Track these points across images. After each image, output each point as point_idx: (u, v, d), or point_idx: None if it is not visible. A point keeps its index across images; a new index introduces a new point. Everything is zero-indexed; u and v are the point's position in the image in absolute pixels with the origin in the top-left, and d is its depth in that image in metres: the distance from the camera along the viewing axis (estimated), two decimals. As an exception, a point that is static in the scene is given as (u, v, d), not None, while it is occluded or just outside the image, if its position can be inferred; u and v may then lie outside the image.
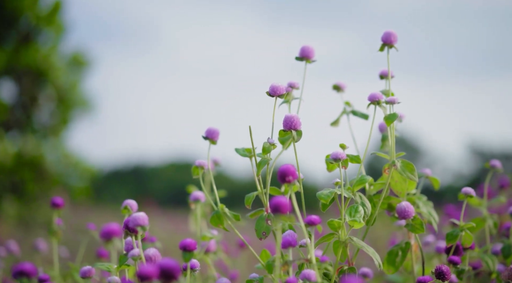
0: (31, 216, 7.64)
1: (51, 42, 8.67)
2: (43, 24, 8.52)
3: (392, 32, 1.57)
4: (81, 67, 8.91)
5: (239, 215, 1.58)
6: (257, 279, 1.51)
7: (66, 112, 8.76)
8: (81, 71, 8.93)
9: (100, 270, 1.87)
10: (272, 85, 1.49)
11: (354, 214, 1.45)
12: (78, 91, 8.87)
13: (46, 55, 8.40)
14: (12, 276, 1.15)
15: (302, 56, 1.62)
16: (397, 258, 1.62)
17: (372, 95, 1.52)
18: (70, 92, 8.74)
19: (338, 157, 1.45)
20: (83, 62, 8.89)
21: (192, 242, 1.35)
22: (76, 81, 8.86)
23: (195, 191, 1.76)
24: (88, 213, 8.74)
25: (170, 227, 7.16)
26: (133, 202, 1.60)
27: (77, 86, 8.87)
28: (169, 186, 14.23)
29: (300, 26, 24.85)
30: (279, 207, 1.21)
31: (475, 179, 11.89)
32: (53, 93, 8.71)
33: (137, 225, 1.35)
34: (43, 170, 8.50)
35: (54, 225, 1.95)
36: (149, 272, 1.12)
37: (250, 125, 1.50)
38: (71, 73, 8.83)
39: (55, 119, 8.82)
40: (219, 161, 1.95)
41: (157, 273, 1.13)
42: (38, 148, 8.54)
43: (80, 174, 9.36)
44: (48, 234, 1.96)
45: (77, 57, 8.84)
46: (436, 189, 1.73)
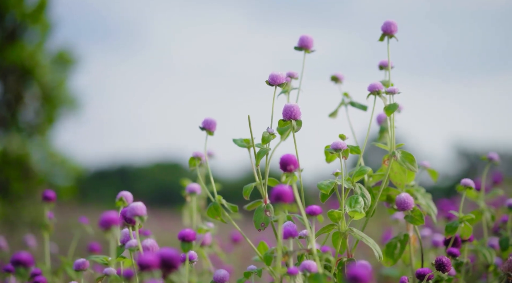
0: (16, 215, 7.56)
1: (37, 39, 8.59)
2: (29, 22, 8.45)
3: (392, 21, 1.56)
4: (67, 65, 8.84)
5: (236, 206, 1.56)
6: (255, 271, 1.49)
7: (52, 111, 8.68)
8: (67, 69, 8.86)
9: (92, 263, 1.84)
10: (272, 74, 1.47)
11: (354, 205, 1.44)
12: (64, 90, 8.80)
13: (32, 53, 8.33)
14: (7, 267, 1.12)
15: (301, 46, 1.60)
16: (396, 250, 1.61)
17: (372, 85, 1.51)
18: (56, 90, 8.67)
19: (338, 146, 1.43)
20: (69, 60, 8.81)
21: (191, 232, 1.32)
22: (62, 80, 8.79)
23: (191, 183, 1.73)
24: (74, 213, 8.67)
25: (157, 226, 7.12)
26: (128, 194, 1.57)
27: (63, 84, 8.79)
28: (154, 186, 14.17)
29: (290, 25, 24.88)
30: (282, 196, 1.19)
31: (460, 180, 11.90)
32: (39, 91, 8.63)
33: (135, 215, 1.32)
34: (28, 168, 8.42)
35: (45, 219, 1.91)
36: (150, 260, 1.10)
37: (249, 115, 1.48)
38: (57, 71, 8.75)
39: (41, 117, 8.75)
40: (214, 153, 1.93)
41: (158, 262, 1.11)
42: (24, 147, 8.46)
43: (66, 173, 9.28)
44: (40, 228, 1.92)
45: (63, 55, 8.76)
46: (434, 181, 1.72)
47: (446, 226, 1.57)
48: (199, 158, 1.57)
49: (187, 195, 1.71)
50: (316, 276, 1.24)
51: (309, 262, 1.27)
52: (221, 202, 1.55)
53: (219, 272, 1.43)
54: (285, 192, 1.19)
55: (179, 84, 24.63)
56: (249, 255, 2.60)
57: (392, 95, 1.50)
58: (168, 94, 24.99)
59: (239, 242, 2.36)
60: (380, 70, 1.66)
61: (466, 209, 2.50)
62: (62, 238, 4.20)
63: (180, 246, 1.34)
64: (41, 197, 1.93)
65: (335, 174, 1.46)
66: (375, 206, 1.51)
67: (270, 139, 1.46)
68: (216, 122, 1.58)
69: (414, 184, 1.65)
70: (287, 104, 1.44)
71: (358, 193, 1.47)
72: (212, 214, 1.54)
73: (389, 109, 1.48)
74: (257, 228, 1.47)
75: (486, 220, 1.77)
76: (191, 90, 24.69)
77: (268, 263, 1.51)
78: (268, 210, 1.49)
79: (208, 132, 1.57)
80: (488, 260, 1.69)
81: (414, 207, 1.52)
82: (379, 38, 1.58)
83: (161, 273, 1.12)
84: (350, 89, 1.75)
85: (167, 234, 4.95)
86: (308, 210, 1.34)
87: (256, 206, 1.53)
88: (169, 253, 1.13)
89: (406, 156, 1.51)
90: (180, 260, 1.15)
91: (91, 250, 2.05)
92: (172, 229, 5.53)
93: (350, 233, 1.44)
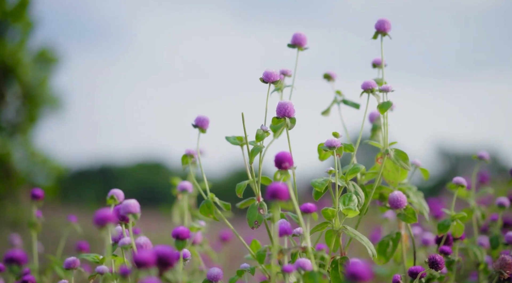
0: (-3, 215, 7.48)
1: (19, 38, 8.50)
2: (11, 20, 8.36)
3: (385, 19, 1.56)
4: (50, 63, 8.76)
5: (229, 204, 1.55)
6: (248, 269, 1.48)
7: (34, 110, 8.60)
8: (49, 68, 8.78)
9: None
10: (266, 71, 1.47)
11: (348, 203, 1.44)
12: (46, 89, 8.72)
13: (14, 51, 8.24)
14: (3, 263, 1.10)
15: (294, 43, 1.59)
16: (388, 248, 1.61)
17: (366, 83, 1.51)
18: (39, 89, 8.59)
19: (332, 144, 1.43)
20: (51, 58, 8.74)
21: (185, 230, 1.31)
22: (44, 78, 8.71)
23: (182, 181, 1.72)
24: (56, 213, 8.59)
25: (140, 227, 7.06)
26: (119, 192, 1.56)
27: (45, 83, 8.71)
28: (137, 186, 14.08)
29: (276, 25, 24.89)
30: (278, 193, 1.18)
31: (442, 180, 12.03)
32: (20, 90, 8.55)
33: (128, 212, 1.31)
34: (9, 168, 8.33)
35: (33, 217, 1.89)
36: (146, 258, 1.09)
37: (242, 113, 1.47)
38: (39, 69, 8.67)
39: (22, 116, 8.66)
40: (205, 151, 1.91)
41: (154, 260, 1.10)
42: (5, 146, 8.37)
43: (47, 173, 9.20)
44: (27, 227, 1.90)
45: (45, 53, 8.68)
46: (426, 179, 1.72)
47: (438, 224, 1.58)
48: (192, 155, 1.56)
49: (179, 193, 1.70)
50: (312, 274, 1.24)
51: (304, 260, 1.27)
52: (214, 200, 1.54)
53: (212, 270, 1.42)
54: (281, 189, 1.19)
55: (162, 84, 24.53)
56: (237, 254, 2.60)
57: (385, 93, 1.50)
58: (151, 94, 24.88)
59: (228, 241, 2.35)
60: (373, 69, 1.66)
61: (454, 207, 2.51)
62: (45, 238, 4.16)
63: (174, 244, 1.33)
64: (29, 195, 1.91)
65: (329, 171, 1.46)
66: (368, 204, 1.51)
67: (264, 137, 1.45)
68: (208, 120, 1.57)
69: (406, 182, 1.65)
70: (281, 102, 1.44)
71: (352, 191, 1.47)
72: (204, 212, 1.53)
73: (382, 107, 1.48)
74: (251, 226, 1.47)
75: (476, 218, 1.78)
76: (175, 90, 24.62)
77: (261, 261, 1.50)
78: (261, 208, 1.48)
79: (200, 130, 1.56)
80: (478, 258, 1.70)
81: (407, 205, 1.52)
82: (372, 36, 1.57)
83: (157, 270, 1.11)
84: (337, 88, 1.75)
85: (152, 235, 4.91)
86: (302, 208, 1.33)
87: (249, 204, 1.52)
88: (165, 250, 1.12)
89: (399, 154, 1.51)
90: (176, 258, 1.14)
91: (80, 248, 2.02)
92: (157, 229, 5.50)
93: (343, 231, 1.44)
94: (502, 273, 1.50)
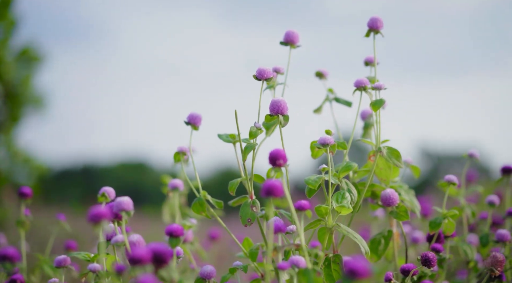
0: (-22, 215, 7.40)
1: (1, 36, 8.42)
2: (-7, 18, 8.28)
3: (378, 17, 1.56)
4: (32, 62, 8.68)
5: (221, 202, 1.54)
6: (240, 266, 1.48)
7: (16, 109, 8.51)
8: (32, 66, 8.70)
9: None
10: (259, 69, 1.47)
11: (341, 200, 1.44)
12: (29, 88, 8.64)
13: (-4, 50, 8.16)
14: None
15: (287, 41, 1.59)
16: (380, 246, 1.61)
17: (359, 81, 1.51)
18: (21, 88, 8.51)
19: (326, 141, 1.43)
20: (34, 57, 8.66)
21: (179, 227, 1.30)
22: (27, 77, 8.62)
23: (173, 179, 1.71)
24: (38, 212, 8.51)
25: (125, 226, 7.00)
26: (111, 189, 1.55)
27: (28, 82, 8.63)
28: (119, 186, 13.98)
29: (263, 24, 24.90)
30: (273, 190, 1.18)
31: (425, 180, 12.11)
32: (2, 89, 8.46)
33: (122, 210, 1.30)
34: (-9, 167, 8.24)
35: (22, 216, 1.87)
36: (142, 255, 1.08)
37: (235, 110, 1.47)
38: (21, 68, 8.59)
39: (4, 115, 8.58)
40: (196, 149, 1.90)
41: (150, 257, 1.09)
42: (-14, 145, 8.29)
43: (29, 172, 9.12)
44: (16, 225, 1.88)
45: (28, 51, 8.60)
46: (416, 177, 1.73)
47: (430, 222, 1.58)
48: (184, 152, 1.55)
49: (170, 190, 1.69)
50: (306, 272, 1.23)
51: (298, 257, 1.27)
52: (206, 198, 1.53)
53: (205, 268, 1.42)
54: (276, 186, 1.18)
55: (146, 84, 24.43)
56: (226, 253, 2.59)
57: (378, 91, 1.50)
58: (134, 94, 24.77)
59: (217, 240, 2.34)
60: (366, 67, 1.66)
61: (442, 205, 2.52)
62: (28, 238, 4.13)
63: (168, 241, 1.32)
64: (11, 194, 1.89)
65: (322, 169, 1.46)
66: (361, 202, 1.51)
67: (258, 134, 1.45)
68: (201, 117, 1.56)
69: (397, 180, 1.66)
70: (274, 99, 1.43)
71: (345, 189, 1.47)
72: (197, 210, 1.52)
73: (375, 105, 1.48)
74: (244, 224, 1.46)
75: (466, 216, 1.79)
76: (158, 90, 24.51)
77: (253, 259, 1.50)
78: (254, 206, 1.48)
79: (193, 127, 1.55)
80: (469, 256, 1.70)
81: (399, 202, 1.52)
82: (365, 34, 1.58)
83: (152, 268, 1.10)
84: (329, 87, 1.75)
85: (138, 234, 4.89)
86: (296, 205, 1.33)
87: (241, 201, 1.51)
88: (160, 247, 1.11)
89: (392, 151, 1.51)
90: (171, 255, 1.14)
91: (68, 247, 2.01)
92: (142, 230, 5.46)
93: (336, 228, 1.44)
94: (493, 271, 1.51)
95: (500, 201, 1.86)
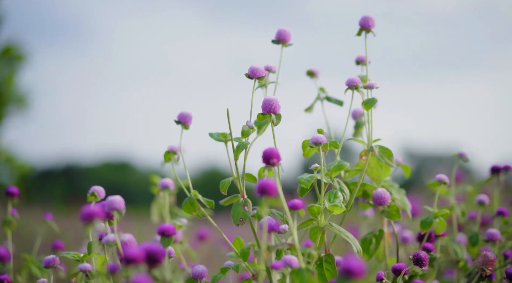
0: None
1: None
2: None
3: (369, 16, 1.56)
4: (15, 61, 8.61)
5: (213, 202, 1.53)
6: (232, 266, 1.47)
7: (0, 108, 8.45)
8: (14, 65, 8.63)
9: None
10: (251, 67, 1.46)
11: (334, 200, 1.43)
12: (11, 86, 8.57)
13: (-22, 48, 8.09)
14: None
15: (279, 39, 1.58)
16: (371, 245, 1.61)
17: (350, 80, 1.50)
18: (3, 87, 8.44)
19: (318, 140, 1.42)
20: (16, 55, 8.59)
21: (171, 227, 1.29)
22: (10, 76, 8.56)
23: (164, 178, 1.70)
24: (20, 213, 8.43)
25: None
26: (100, 188, 1.54)
27: (11, 81, 8.57)
28: (103, 186, 13.84)
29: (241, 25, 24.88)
30: (268, 189, 1.17)
31: (408, 181, 12.14)
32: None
33: (113, 209, 1.28)
34: (-27, 167, 8.17)
35: (8, 215, 1.85)
36: (136, 254, 1.06)
37: (227, 109, 1.46)
38: (4, 67, 8.52)
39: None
40: (186, 148, 1.89)
41: (144, 256, 1.08)
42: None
43: (11, 172, 9.06)
44: (3, 225, 1.86)
45: (10, 50, 8.53)
46: (407, 177, 1.73)
47: (421, 221, 1.58)
48: (174, 152, 1.54)
49: (160, 190, 1.67)
50: (299, 271, 1.23)
51: (290, 257, 1.26)
52: (197, 197, 1.52)
53: (197, 268, 1.41)
54: (270, 185, 1.17)
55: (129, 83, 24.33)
56: (214, 253, 2.58)
57: (370, 90, 1.50)
58: (117, 93, 24.66)
59: (205, 240, 2.33)
60: (357, 66, 1.65)
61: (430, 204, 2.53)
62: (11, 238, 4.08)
63: (160, 241, 1.30)
64: (3, 193, 1.87)
65: (315, 168, 1.45)
66: (353, 201, 1.51)
67: (250, 133, 1.44)
68: (191, 116, 1.54)
69: (388, 180, 1.66)
70: (266, 98, 1.43)
71: (337, 188, 1.46)
72: (187, 209, 1.51)
73: (367, 104, 1.48)
74: (236, 223, 1.45)
75: (456, 216, 1.79)
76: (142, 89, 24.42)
77: (245, 259, 1.49)
78: (246, 205, 1.47)
79: (183, 126, 1.54)
80: (458, 255, 1.71)
81: (390, 202, 1.52)
82: (356, 33, 1.57)
83: (145, 267, 1.09)
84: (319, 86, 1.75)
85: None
86: (290, 204, 1.32)
87: (233, 201, 1.50)
88: (154, 247, 1.10)
89: (384, 151, 1.51)
90: (164, 255, 1.12)
91: (55, 247, 1.98)
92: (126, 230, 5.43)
93: (329, 228, 1.43)
94: (484, 270, 1.51)
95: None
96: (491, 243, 1.66)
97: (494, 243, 1.65)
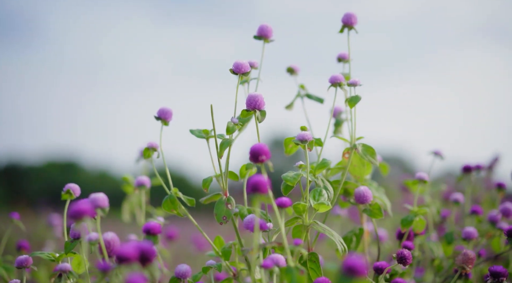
0: None
1: None
2: None
3: (352, 13, 1.55)
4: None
5: (193, 200, 1.49)
6: (214, 265, 1.44)
7: None
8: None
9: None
10: (236, 63, 1.43)
11: (318, 198, 1.41)
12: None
13: None
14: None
15: (260, 35, 1.56)
16: (352, 244, 1.60)
17: (334, 77, 1.49)
18: None
19: (304, 138, 1.40)
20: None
21: (157, 225, 1.26)
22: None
23: (140, 176, 1.65)
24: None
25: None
26: (75, 186, 1.49)
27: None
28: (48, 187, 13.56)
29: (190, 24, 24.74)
30: (259, 187, 1.14)
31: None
32: None
33: (97, 207, 1.24)
34: None
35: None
36: (129, 253, 1.03)
37: (211, 105, 1.42)
38: None
39: None
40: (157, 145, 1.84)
41: (137, 255, 1.04)
42: None
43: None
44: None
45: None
46: (384, 175, 1.73)
47: (402, 219, 1.58)
48: (154, 148, 1.50)
49: (136, 188, 1.63)
50: (289, 270, 1.21)
51: (277, 255, 1.24)
52: (178, 195, 1.48)
53: (180, 267, 1.37)
54: (262, 182, 1.15)
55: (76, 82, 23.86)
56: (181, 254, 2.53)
57: (353, 87, 1.49)
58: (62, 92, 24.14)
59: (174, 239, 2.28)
60: (338, 63, 1.64)
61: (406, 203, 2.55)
62: None
63: (145, 239, 1.26)
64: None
65: (299, 166, 1.43)
66: (336, 199, 1.50)
67: (235, 130, 1.41)
68: (172, 112, 1.51)
69: (367, 178, 1.65)
70: (251, 94, 1.40)
71: (321, 186, 1.45)
72: (168, 208, 1.47)
73: (351, 101, 1.47)
74: (219, 222, 1.42)
75: (432, 214, 1.80)
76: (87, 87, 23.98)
77: (226, 258, 1.46)
78: (229, 203, 1.44)
79: (163, 122, 1.50)
80: (435, 253, 1.72)
81: (372, 200, 1.52)
82: (339, 30, 1.57)
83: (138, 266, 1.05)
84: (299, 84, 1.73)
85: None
86: (278, 202, 1.30)
87: (214, 199, 1.47)
88: (146, 246, 1.07)
89: (367, 149, 1.50)
90: (156, 254, 1.09)
91: (21, 248, 1.91)
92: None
93: (313, 226, 1.42)
94: (464, 268, 1.52)
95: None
96: (467, 242, 1.67)
97: (470, 241, 1.66)
